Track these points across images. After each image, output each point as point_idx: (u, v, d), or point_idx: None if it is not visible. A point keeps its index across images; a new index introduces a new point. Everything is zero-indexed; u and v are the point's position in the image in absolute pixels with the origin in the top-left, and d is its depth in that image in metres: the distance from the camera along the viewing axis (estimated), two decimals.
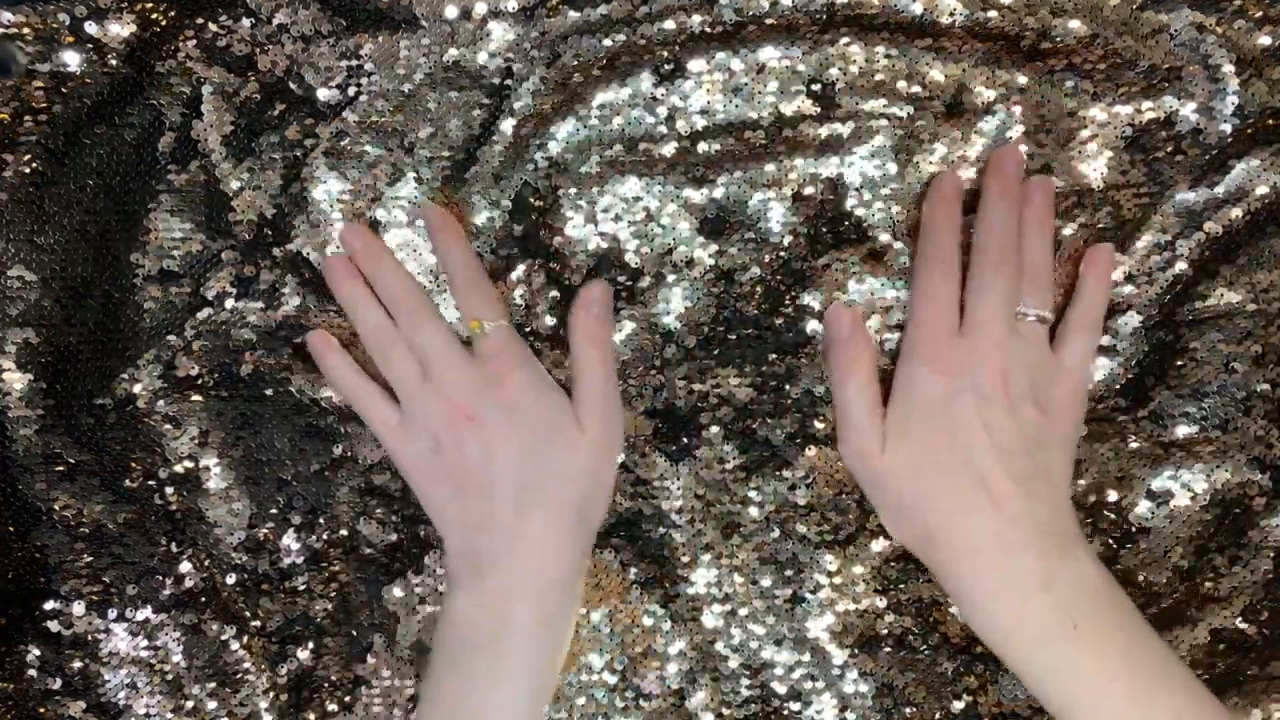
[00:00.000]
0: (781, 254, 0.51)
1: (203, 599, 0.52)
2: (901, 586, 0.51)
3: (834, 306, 0.50)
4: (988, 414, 0.45)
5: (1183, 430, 0.50)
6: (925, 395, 0.46)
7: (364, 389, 0.50)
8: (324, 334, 0.51)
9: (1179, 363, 0.50)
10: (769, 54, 0.50)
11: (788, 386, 0.51)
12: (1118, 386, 0.51)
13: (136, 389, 0.51)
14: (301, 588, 0.52)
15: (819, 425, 0.51)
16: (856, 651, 0.51)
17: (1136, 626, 0.45)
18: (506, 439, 0.47)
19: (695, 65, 0.50)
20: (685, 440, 0.51)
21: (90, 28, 0.49)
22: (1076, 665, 0.43)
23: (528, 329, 0.51)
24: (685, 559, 0.51)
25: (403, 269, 0.50)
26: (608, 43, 0.50)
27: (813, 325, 0.51)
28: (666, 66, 0.50)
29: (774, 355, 0.51)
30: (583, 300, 0.50)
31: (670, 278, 0.51)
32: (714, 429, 0.51)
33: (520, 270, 0.52)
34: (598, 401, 0.49)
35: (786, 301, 0.51)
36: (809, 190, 0.51)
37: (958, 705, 0.51)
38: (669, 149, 0.51)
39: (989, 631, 0.45)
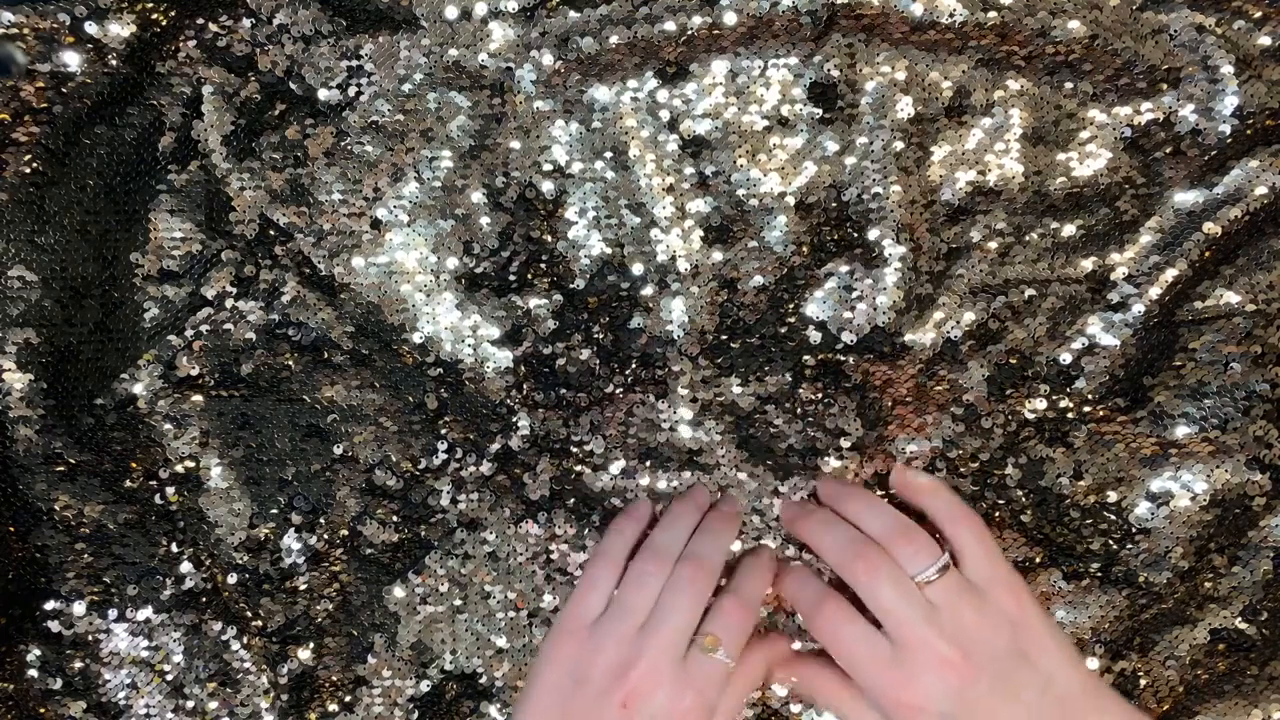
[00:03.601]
0: (785, 264, 0.51)
1: (203, 599, 0.52)
2: None
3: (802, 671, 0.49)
4: (972, 706, 0.43)
5: (1182, 430, 0.50)
6: None
7: (609, 570, 0.47)
8: (648, 509, 0.50)
9: (1178, 363, 0.50)
10: (769, 54, 0.50)
11: (790, 394, 0.51)
12: (1118, 387, 0.51)
13: (136, 389, 0.51)
14: (302, 588, 0.52)
15: (820, 435, 0.51)
16: None
17: None
18: None
19: (696, 67, 0.50)
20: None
21: (90, 28, 0.49)
22: None
23: (527, 332, 0.51)
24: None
25: (727, 545, 0.49)
26: (608, 44, 0.50)
27: (815, 335, 0.51)
28: (668, 68, 0.51)
29: (777, 364, 0.51)
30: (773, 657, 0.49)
31: (673, 285, 0.51)
32: (716, 437, 0.51)
33: (521, 274, 0.52)
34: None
35: (789, 311, 0.51)
36: (811, 198, 0.51)
37: None
38: (671, 152, 0.51)
39: None
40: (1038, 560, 0.51)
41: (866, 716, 0.47)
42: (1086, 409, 0.51)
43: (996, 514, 0.51)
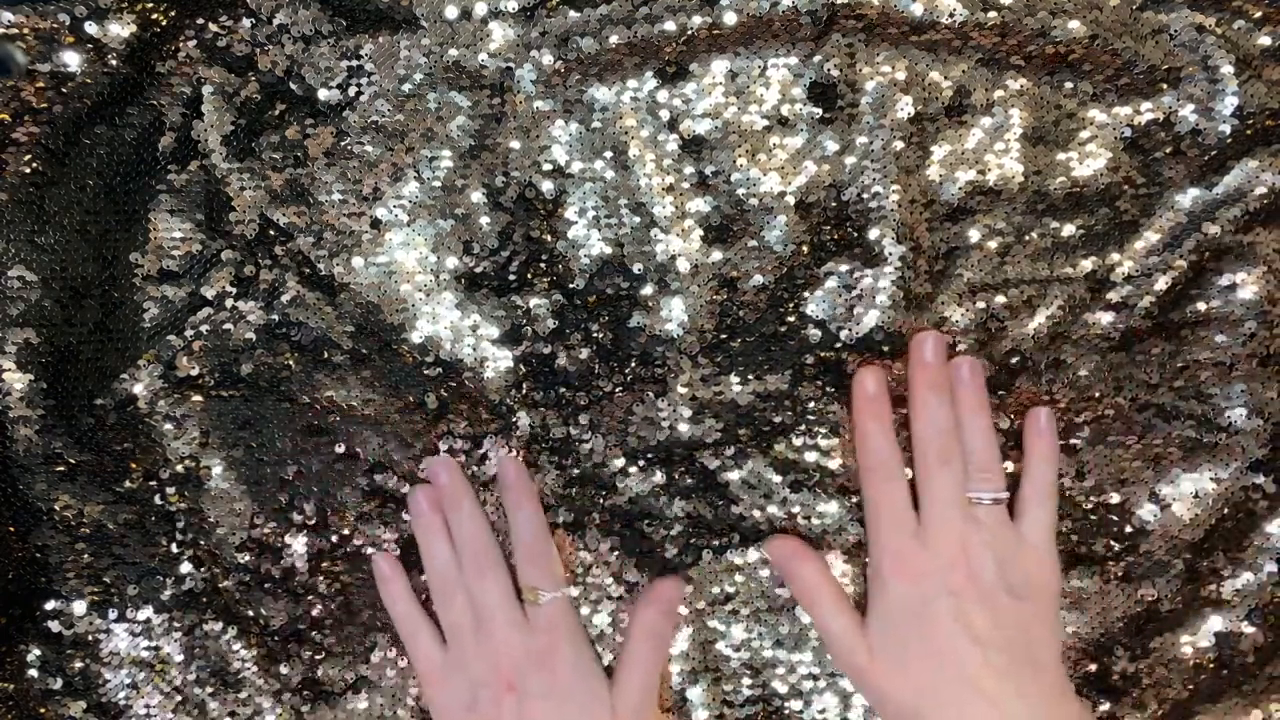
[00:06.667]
0: (785, 264, 0.51)
1: (204, 599, 0.52)
2: None
3: (774, 541, 0.50)
4: (964, 614, 0.45)
5: (1186, 432, 0.50)
6: (899, 606, 0.47)
7: (416, 621, 0.50)
8: (392, 560, 0.51)
9: (1180, 364, 0.50)
10: (769, 55, 0.50)
11: (790, 393, 0.51)
12: (1119, 387, 0.51)
13: (136, 389, 0.51)
14: (303, 588, 0.52)
15: (822, 431, 0.51)
16: None
17: None
18: (540, 717, 0.47)
19: (696, 67, 0.50)
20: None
21: (90, 28, 0.49)
22: None
23: (527, 331, 0.51)
24: (687, 559, 0.51)
25: (480, 514, 0.50)
26: (608, 44, 0.50)
27: (815, 334, 0.51)
28: (668, 68, 0.51)
29: (776, 363, 0.51)
30: (651, 595, 0.50)
31: (673, 285, 0.51)
32: (716, 435, 0.51)
33: (521, 274, 0.52)
34: (635, 696, 0.48)
35: (789, 310, 0.51)
36: (811, 197, 0.51)
37: None
38: (671, 152, 0.51)
39: None
40: None
41: (837, 617, 0.48)
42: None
43: None
